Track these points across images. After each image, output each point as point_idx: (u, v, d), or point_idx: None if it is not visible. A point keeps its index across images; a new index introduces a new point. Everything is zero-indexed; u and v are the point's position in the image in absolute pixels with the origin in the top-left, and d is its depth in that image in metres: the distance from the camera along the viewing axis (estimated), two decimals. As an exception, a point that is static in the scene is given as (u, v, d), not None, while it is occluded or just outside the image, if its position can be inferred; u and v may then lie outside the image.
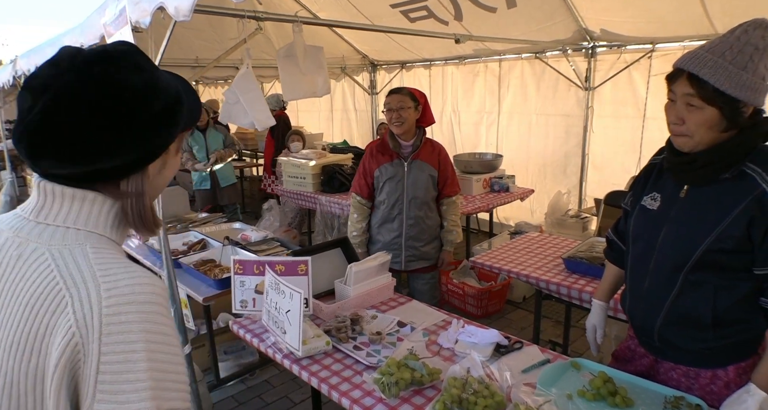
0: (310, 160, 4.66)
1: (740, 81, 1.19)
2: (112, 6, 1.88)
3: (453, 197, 2.90)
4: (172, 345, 0.74)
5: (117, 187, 0.80)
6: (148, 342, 0.70)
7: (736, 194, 1.28)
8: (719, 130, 1.27)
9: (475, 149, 5.63)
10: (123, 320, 0.69)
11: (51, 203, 0.77)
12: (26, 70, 3.87)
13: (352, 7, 4.76)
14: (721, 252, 1.30)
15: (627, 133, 4.51)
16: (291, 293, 1.76)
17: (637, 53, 4.33)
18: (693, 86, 1.24)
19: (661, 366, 1.54)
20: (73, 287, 0.70)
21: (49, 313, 0.69)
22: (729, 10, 3.30)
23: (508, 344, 1.82)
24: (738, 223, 1.26)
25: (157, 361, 0.70)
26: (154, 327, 0.71)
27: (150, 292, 0.73)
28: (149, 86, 0.78)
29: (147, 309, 0.71)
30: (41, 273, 0.72)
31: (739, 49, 1.20)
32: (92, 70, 0.74)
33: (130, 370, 0.68)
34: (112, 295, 0.70)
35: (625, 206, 1.64)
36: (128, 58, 0.79)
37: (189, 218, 3.84)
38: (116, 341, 0.68)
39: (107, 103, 0.74)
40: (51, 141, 0.73)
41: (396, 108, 2.69)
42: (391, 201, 2.81)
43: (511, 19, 4.27)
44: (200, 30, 5.09)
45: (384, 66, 6.74)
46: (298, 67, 2.64)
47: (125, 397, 0.67)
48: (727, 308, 1.34)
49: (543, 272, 2.54)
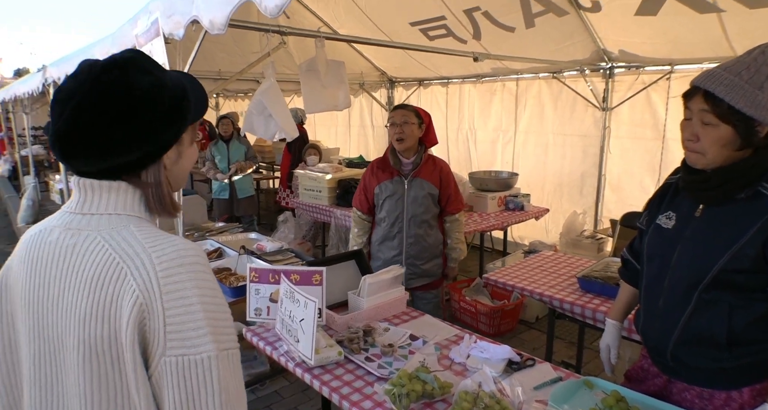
0: (326, 174, 4.70)
1: (755, 100, 1.21)
2: (144, 18, 1.95)
3: (456, 215, 2.89)
4: (219, 297, 0.86)
5: (138, 177, 0.91)
6: (200, 296, 0.82)
7: (752, 214, 1.28)
8: (733, 148, 1.28)
9: (491, 167, 5.64)
10: (177, 280, 0.81)
11: (91, 196, 0.89)
12: (56, 77, 3.98)
13: (372, 24, 4.85)
14: (736, 272, 1.30)
15: (645, 153, 4.49)
16: (305, 302, 1.78)
17: (655, 74, 4.33)
18: (708, 103, 1.26)
19: (674, 387, 1.53)
20: (128, 259, 0.82)
21: (113, 284, 0.81)
22: (748, 32, 3.30)
23: (520, 361, 1.81)
24: (753, 243, 1.26)
25: (210, 311, 0.83)
26: (202, 283, 0.84)
27: (193, 255, 0.85)
28: (155, 86, 0.87)
29: (195, 269, 0.84)
30: (98, 253, 0.84)
31: (756, 69, 1.21)
32: (104, 77, 0.85)
33: (191, 320, 0.80)
34: (163, 261, 0.82)
35: (641, 225, 1.64)
36: (135, 63, 0.88)
37: (206, 227, 3.89)
38: (175, 297, 0.81)
39: (119, 104, 0.84)
40: (79, 142, 0.85)
41: (400, 122, 2.68)
42: (391, 218, 2.80)
43: (530, 38, 4.31)
44: (223, 43, 5.22)
45: (402, 83, 6.81)
46: (319, 81, 2.69)
47: (191, 342, 0.80)
48: (743, 328, 1.33)
49: (556, 291, 2.53)
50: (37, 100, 9.50)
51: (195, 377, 0.79)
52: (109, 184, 0.88)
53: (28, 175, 8.76)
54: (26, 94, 5.82)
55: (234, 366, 0.85)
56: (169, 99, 0.88)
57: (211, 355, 0.80)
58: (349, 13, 4.83)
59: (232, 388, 0.83)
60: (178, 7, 1.74)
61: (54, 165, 9.88)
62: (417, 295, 2.91)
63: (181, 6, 1.73)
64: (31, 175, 8.47)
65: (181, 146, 0.95)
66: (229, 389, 0.82)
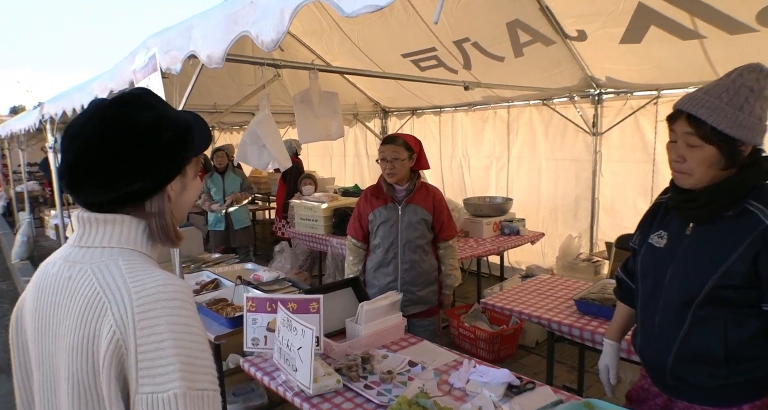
0: (322, 203, 4.73)
1: (737, 121, 1.25)
2: (141, 53, 2.00)
3: (450, 241, 2.90)
4: (196, 335, 0.84)
5: (143, 208, 0.93)
6: (173, 332, 0.81)
7: (740, 231, 1.31)
8: (719, 168, 1.31)
9: (485, 193, 5.69)
10: (151, 316, 0.81)
11: (89, 229, 0.92)
12: (53, 113, 4.03)
13: (365, 56, 4.96)
14: (728, 289, 1.31)
15: (637, 176, 4.56)
16: (303, 330, 1.77)
17: (642, 99, 4.43)
18: (692, 126, 1.30)
19: (675, 406, 1.52)
20: (110, 293, 0.83)
21: (95, 319, 0.82)
22: (730, 57, 3.40)
23: (520, 384, 1.80)
24: (743, 259, 1.28)
25: (183, 347, 0.81)
26: (178, 319, 0.83)
27: (173, 290, 0.85)
28: (157, 120, 0.92)
29: (171, 305, 0.83)
30: (87, 287, 0.85)
31: (735, 91, 1.26)
32: (109, 113, 0.90)
33: (161, 356, 0.79)
34: (141, 296, 0.82)
35: (634, 245, 1.67)
36: (140, 100, 0.94)
37: (202, 258, 3.88)
38: (147, 333, 0.80)
39: (122, 139, 0.88)
40: (85, 175, 0.89)
41: (390, 159, 2.71)
42: (386, 245, 2.81)
43: (519, 67, 4.41)
44: (218, 77, 5.31)
45: (395, 112, 6.92)
46: (313, 111, 2.74)
47: (159, 379, 0.79)
48: (739, 343, 1.34)
49: (554, 313, 2.53)
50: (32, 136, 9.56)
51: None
52: (109, 217, 0.91)
53: (23, 211, 8.75)
54: (22, 131, 5.88)
55: (208, 409, 0.82)
56: (170, 133, 0.92)
57: (177, 393, 0.78)
58: (342, 46, 4.95)
59: None
60: (176, 43, 1.80)
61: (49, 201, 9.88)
62: (413, 323, 2.87)
63: (178, 41, 1.78)
64: (26, 211, 8.46)
65: (185, 178, 0.98)
66: None
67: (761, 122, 1.28)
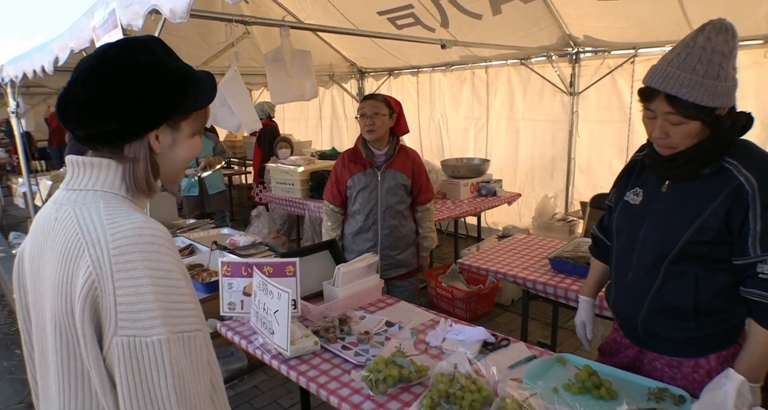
0: (298, 166, 4.67)
1: (717, 91, 1.23)
2: (101, 9, 1.89)
3: (427, 204, 2.89)
4: (175, 279, 0.85)
5: (122, 151, 0.93)
6: (152, 277, 0.82)
7: (715, 187, 1.32)
8: (702, 136, 1.31)
9: (464, 154, 5.67)
10: (128, 259, 0.81)
11: (76, 172, 0.93)
12: (13, 76, 3.84)
13: (339, 14, 4.81)
14: (701, 244, 1.34)
15: (613, 136, 4.58)
16: (279, 293, 1.76)
17: (620, 58, 4.41)
18: (673, 106, 1.26)
19: (645, 357, 1.57)
20: (87, 234, 0.84)
21: (73, 259, 0.84)
22: (708, 14, 3.33)
23: (495, 341, 1.83)
24: (717, 215, 1.30)
25: (164, 293, 0.82)
26: (156, 264, 0.83)
27: (150, 234, 0.85)
28: (151, 66, 0.90)
29: (149, 249, 0.83)
30: (68, 228, 0.87)
31: (708, 60, 1.22)
32: (108, 54, 0.91)
33: (141, 301, 0.80)
34: (117, 238, 0.82)
35: (609, 202, 1.68)
36: (143, 45, 0.93)
37: (177, 224, 3.82)
38: (125, 277, 0.81)
39: (111, 77, 0.88)
40: (71, 107, 0.90)
41: (370, 114, 2.64)
42: (365, 211, 2.77)
43: (497, 25, 4.33)
44: (187, 37, 5.11)
45: (372, 73, 6.78)
46: (285, 71, 2.65)
47: (141, 324, 0.80)
48: (708, 298, 1.37)
49: (530, 272, 2.57)
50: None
51: (146, 359, 0.79)
52: (94, 160, 0.92)
53: (-11, 178, 8.47)
54: (-19, 95, 5.61)
55: (191, 349, 0.84)
56: (161, 81, 0.90)
57: (162, 338, 0.80)
58: (316, 3, 4.78)
59: (188, 371, 0.83)
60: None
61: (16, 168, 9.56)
62: (392, 284, 2.90)
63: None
64: (-8, 179, 8.19)
65: (176, 133, 0.96)
66: (184, 372, 0.82)
67: (735, 81, 1.27)
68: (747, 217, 1.27)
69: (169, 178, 1.02)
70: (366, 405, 1.51)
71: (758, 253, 1.28)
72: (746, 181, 1.27)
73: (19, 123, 4.41)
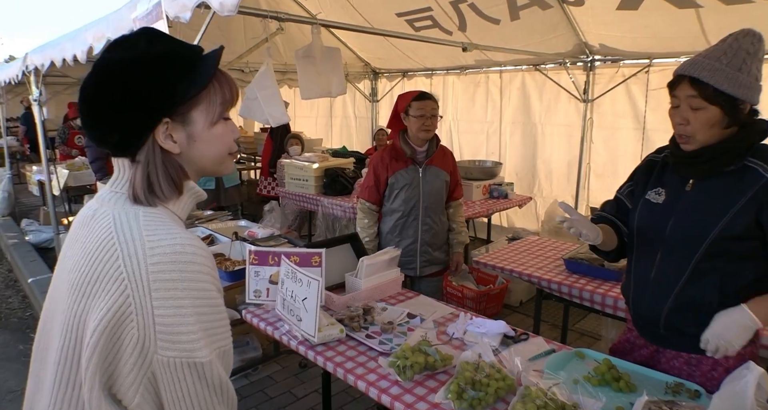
0: (312, 163, 4.73)
1: (737, 81, 1.33)
2: (144, 0, 1.95)
3: (459, 200, 2.95)
4: (214, 298, 0.84)
5: (135, 157, 0.89)
6: (194, 298, 0.80)
7: (742, 184, 1.39)
8: (722, 127, 1.39)
9: (476, 157, 5.75)
10: (168, 278, 0.79)
11: (119, 174, 0.91)
12: (39, 64, 3.90)
13: (358, 14, 4.88)
14: (730, 240, 1.40)
15: (628, 144, 4.65)
16: (309, 281, 1.83)
17: (634, 67, 4.47)
18: (695, 88, 1.37)
19: (662, 356, 1.62)
20: (123, 242, 0.82)
21: (103, 262, 0.81)
22: (724, 27, 3.39)
23: (514, 335, 1.90)
24: (747, 210, 1.37)
25: (204, 314, 0.82)
26: (196, 284, 0.81)
27: (191, 253, 0.82)
28: (129, 63, 0.85)
29: (190, 269, 0.81)
30: (103, 228, 0.85)
31: (733, 54, 1.34)
32: (97, 64, 0.87)
33: (181, 323, 0.79)
34: (156, 253, 0.80)
35: (620, 195, 1.74)
36: (125, 42, 0.88)
37: (194, 215, 3.89)
38: (166, 296, 0.79)
39: (97, 89, 0.86)
40: (84, 117, 0.89)
41: (429, 115, 2.65)
42: (407, 208, 2.76)
43: (514, 30, 4.40)
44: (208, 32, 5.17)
45: (386, 74, 6.85)
46: (315, 67, 2.72)
47: (183, 346, 0.79)
48: (732, 293, 1.43)
49: (544, 272, 2.63)
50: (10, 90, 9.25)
51: (188, 378, 0.80)
52: (127, 162, 0.90)
53: (3, 167, 8.55)
54: (3, 82, 5.68)
55: (226, 360, 0.87)
56: (144, 75, 0.84)
57: (206, 361, 0.80)
58: (336, 3, 4.85)
59: (225, 380, 0.85)
60: (185, -10, 1.76)
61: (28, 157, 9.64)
62: (422, 280, 2.91)
63: (187, -12, 1.75)
64: (6, 167, 8.27)
65: (190, 126, 0.89)
66: (223, 382, 0.85)
67: (757, 82, 1.37)
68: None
69: (211, 171, 0.97)
70: (393, 390, 1.57)
71: None
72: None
73: (40, 111, 4.48)
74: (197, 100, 0.89)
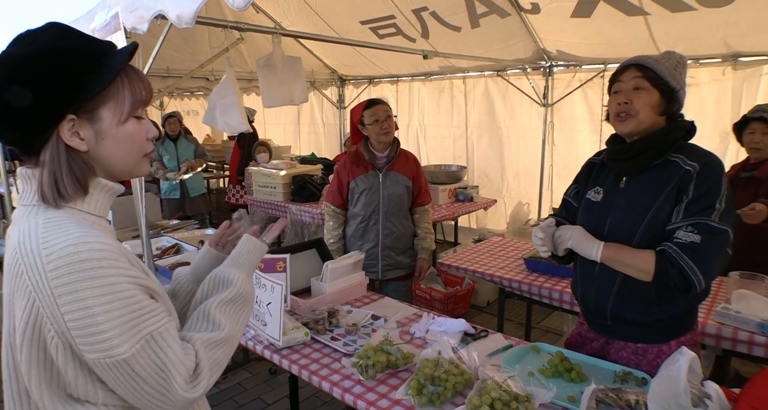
0: (280, 170, 4.75)
1: (673, 74, 1.51)
2: (101, 12, 1.96)
3: (426, 206, 2.96)
4: (123, 290, 0.82)
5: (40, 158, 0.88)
6: (97, 296, 0.79)
7: (665, 177, 1.51)
8: (657, 112, 1.53)
9: (443, 162, 5.84)
10: (67, 281, 0.78)
11: (22, 186, 0.89)
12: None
13: (323, 22, 4.93)
14: (657, 229, 1.50)
15: (586, 145, 4.83)
16: (272, 286, 1.86)
17: (590, 73, 4.65)
18: (640, 71, 1.53)
19: (611, 347, 1.71)
20: (25, 255, 0.81)
21: (15, 279, 0.82)
22: (671, 34, 3.62)
23: (474, 332, 1.96)
24: (670, 199, 1.49)
25: (114, 309, 0.80)
26: (97, 281, 0.79)
27: (86, 250, 0.80)
28: (27, 58, 0.83)
29: (86, 267, 0.79)
30: (12, 246, 0.85)
31: (668, 58, 1.54)
32: (2, 51, 0.86)
33: (91, 324, 0.78)
34: (51, 259, 0.79)
35: (567, 196, 1.84)
36: (29, 36, 0.86)
37: (160, 224, 3.86)
38: (70, 301, 0.78)
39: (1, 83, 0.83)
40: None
41: (383, 118, 2.71)
42: (367, 213, 2.81)
43: (475, 38, 4.52)
44: (171, 41, 5.15)
45: (352, 81, 6.91)
46: (276, 76, 2.75)
47: (99, 346, 0.79)
48: None
49: (506, 272, 2.71)
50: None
51: (119, 372, 0.81)
52: (29, 172, 0.88)
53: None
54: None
55: (164, 341, 0.84)
56: (42, 70, 0.83)
57: (125, 356, 0.79)
58: (300, 11, 4.89)
59: (167, 361, 0.84)
60: (143, 2, 1.77)
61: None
62: (388, 284, 2.96)
63: (145, 0, 1.77)
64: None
65: (97, 123, 0.88)
66: (164, 365, 0.84)
67: (684, 85, 1.55)
68: (687, 192, 1.46)
69: (122, 172, 0.95)
70: (356, 389, 1.62)
71: (679, 219, 1.45)
72: (691, 167, 1.47)
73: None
74: (104, 96, 0.88)
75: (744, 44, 3.63)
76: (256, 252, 1.15)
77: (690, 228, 1.42)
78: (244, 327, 1.07)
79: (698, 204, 1.43)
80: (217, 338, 0.95)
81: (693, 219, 1.42)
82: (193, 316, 1.01)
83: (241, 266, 1.11)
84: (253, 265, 1.14)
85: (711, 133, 3.98)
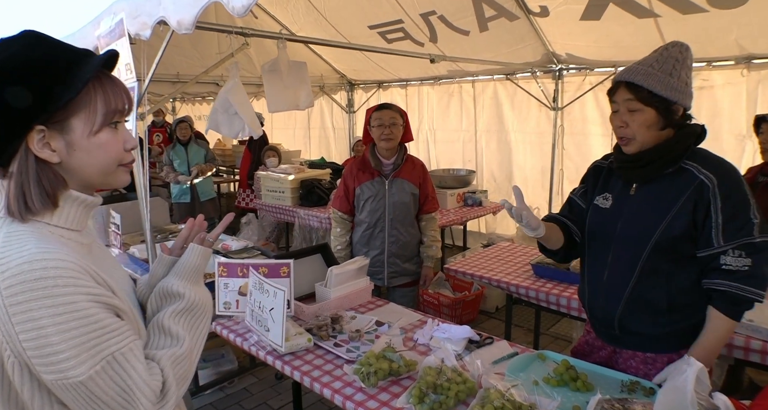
0: (288, 175, 4.76)
1: (669, 84, 1.43)
2: (107, 19, 1.98)
3: (432, 213, 2.92)
4: (81, 309, 0.78)
5: (8, 169, 0.85)
6: (52, 316, 0.76)
7: (680, 185, 1.46)
8: (658, 128, 1.47)
9: (452, 165, 5.82)
10: (21, 300, 0.75)
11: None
12: None
13: (331, 27, 4.93)
14: (671, 240, 1.46)
15: (598, 148, 4.77)
16: (275, 292, 1.85)
17: (601, 76, 4.60)
18: (631, 92, 1.46)
19: (620, 357, 1.68)
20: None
21: None
22: (682, 35, 3.55)
23: (479, 339, 1.94)
24: (684, 210, 1.44)
25: (70, 329, 0.77)
26: (52, 301, 0.76)
27: (41, 268, 0.76)
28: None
29: (40, 285, 0.76)
30: None
31: (663, 60, 1.45)
32: None
33: (46, 345, 0.76)
34: (6, 277, 0.76)
35: (574, 196, 1.80)
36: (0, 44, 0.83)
37: (169, 229, 3.88)
38: (23, 320, 0.75)
39: None
40: None
41: (388, 124, 2.68)
42: (373, 219, 2.79)
43: (483, 41, 4.49)
44: (180, 46, 5.20)
45: (361, 85, 6.92)
46: (282, 81, 2.75)
47: (56, 367, 0.76)
48: (679, 293, 1.50)
49: (513, 277, 2.68)
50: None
51: (78, 395, 0.78)
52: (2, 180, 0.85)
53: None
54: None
55: (127, 363, 0.82)
56: (9, 79, 0.80)
57: (82, 378, 0.77)
58: (308, 16, 4.90)
59: (130, 383, 0.81)
60: (145, 8, 1.79)
61: None
62: (394, 290, 2.93)
63: (147, 7, 1.78)
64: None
65: (68, 134, 0.85)
66: (129, 385, 0.81)
67: (687, 87, 1.47)
68: (709, 211, 1.42)
69: (97, 183, 0.92)
70: (358, 397, 1.60)
71: (721, 244, 1.41)
72: (706, 178, 1.42)
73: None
74: (75, 106, 0.84)
75: (758, 46, 3.56)
76: (201, 259, 1.11)
77: (737, 253, 1.41)
78: (204, 336, 1.04)
79: (734, 224, 1.40)
80: (180, 353, 0.93)
81: (737, 242, 1.40)
82: (149, 331, 0.98)
83: (185, 275, 1.07)
84: (199, 272, 1.11)
85: (727, 135, 3.92)
